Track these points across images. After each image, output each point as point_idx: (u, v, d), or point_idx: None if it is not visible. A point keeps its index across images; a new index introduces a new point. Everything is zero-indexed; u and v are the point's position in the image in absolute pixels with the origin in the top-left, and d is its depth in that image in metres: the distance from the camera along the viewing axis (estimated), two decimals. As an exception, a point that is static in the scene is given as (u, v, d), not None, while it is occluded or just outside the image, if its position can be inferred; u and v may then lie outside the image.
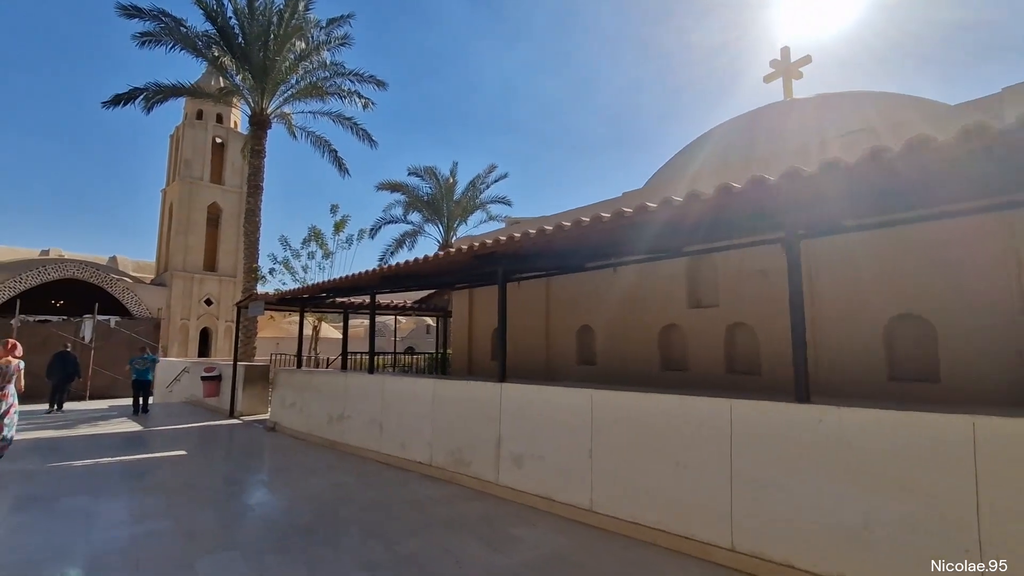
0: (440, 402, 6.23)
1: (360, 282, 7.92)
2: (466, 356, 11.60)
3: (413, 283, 8.62)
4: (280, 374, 10.32)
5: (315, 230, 15.25)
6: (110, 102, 16.93)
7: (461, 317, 11.80)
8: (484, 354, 11.19)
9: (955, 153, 2.44)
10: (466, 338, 11.63)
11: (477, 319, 11.54)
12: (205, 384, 12.89)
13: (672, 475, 3.87)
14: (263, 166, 17.98)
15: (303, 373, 9.53)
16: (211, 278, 27.15)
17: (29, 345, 21.62)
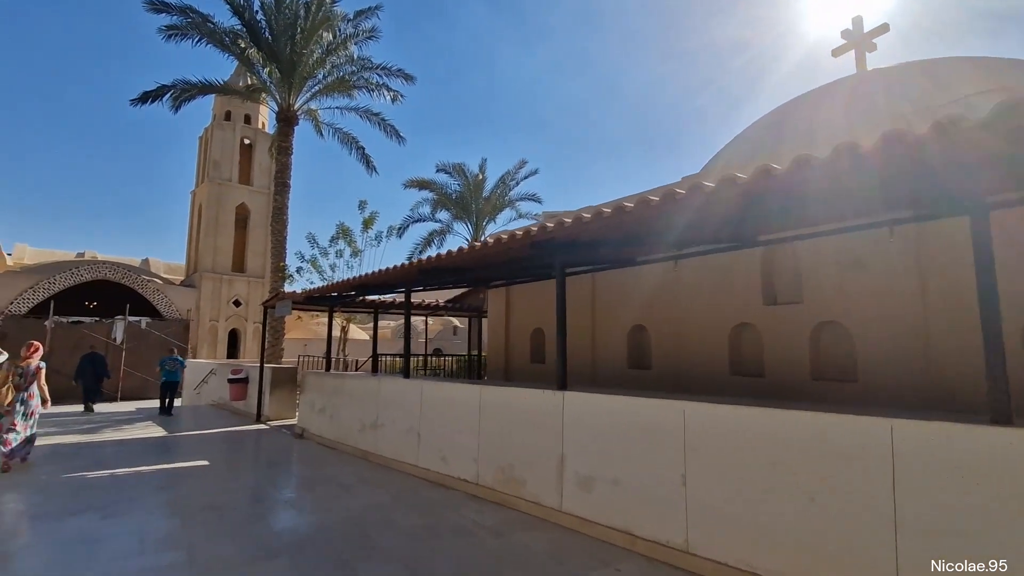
0: (488, 411, 5.47)
1: (393, 278, 7.23)
2: (503, 358, 10.85)
3: (452, 278, 7.90)
4: (308, 377, 9.73)
5: (343, 227, 14.73)
6: (138, 99, 16.73)
7: (497, 317, 11.06)
8: (522, 356, 10.42)
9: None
10: (503, 339, 10.88)
11: (515, 319, 10.78)
12: (231, 387, 12.43)
13: (803, 513, 3.02)
14: (290, 163, 17.58)
15: (333, 376, 8.90)
16: (240, 279, 27.04)
17: (63, 346, 21.77)
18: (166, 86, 16.87)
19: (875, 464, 2.76)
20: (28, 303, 21.36)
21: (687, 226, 4.61)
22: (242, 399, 12.52)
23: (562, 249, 5.05)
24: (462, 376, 14.42)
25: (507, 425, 5.20)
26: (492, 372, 11.33)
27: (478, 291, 12.26)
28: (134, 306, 23.65)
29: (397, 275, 6.94)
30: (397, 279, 7.36)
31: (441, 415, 6.13)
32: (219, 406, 14.26)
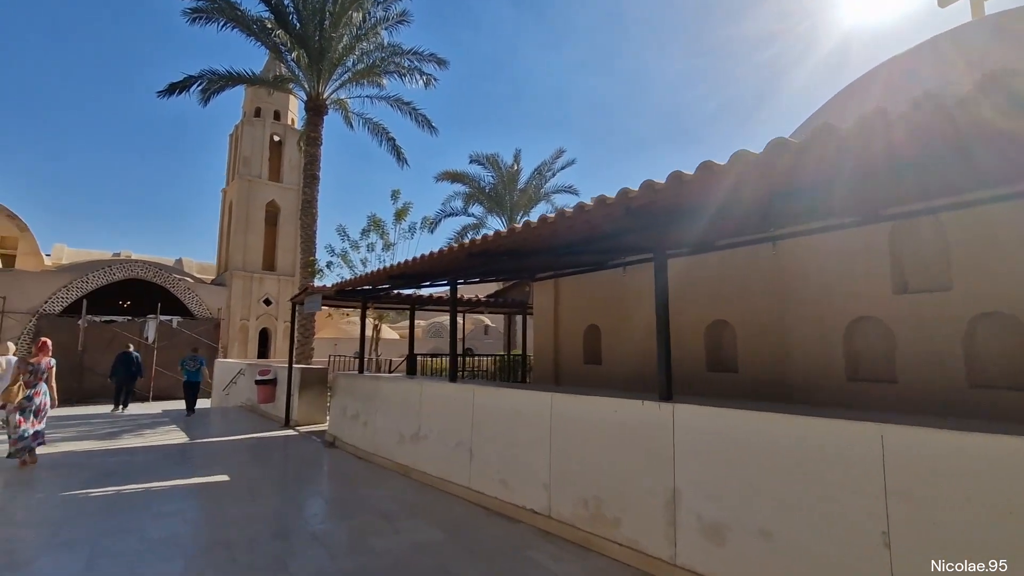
0: (562, 425, 4.36)
1: (437, 265, 6.19)
2: (551, 359, 9.75)
3: (505, 266, 6.82)
4: (340, 379, 8.80)
5: (375, 219, 13.84)
6: (165, 91, 16.19)
7: (544, 313, 9.96)
8: (574, 357, 9.29)
9: None
10: (551, 338, 9.78)
11: (565, 315, 9.66)
12: (259, 389, 11.64)
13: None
14: (319, 155, 16.82)
15: (367, 379, 7.93)
16: (270, 277, 26.61)
17: (95, 345, 21.60)
18: (193, 76, 16.29)
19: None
20: (62, 302, 21.23)
21: (803, 192, 3.43)
22: (270, 401, 11.72)
23: (661, 221, 3.90)
24: (501, 379, 13.35)
25: (590, 445, 4.08)
26: (539, 374, 10.23)
27: (521, 285, 11.16)
28: (166, 305, 23.40)
29: (442, 261, 5.88)
30: (441, 267, 6.33)
31: (499, 428, 5.05)
32: (247, 408, 13.54)
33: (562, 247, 5.62)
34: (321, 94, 16.93)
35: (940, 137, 2.46)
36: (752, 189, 3.35)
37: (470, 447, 5.38)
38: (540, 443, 4.52)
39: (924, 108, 2.05)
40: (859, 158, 2.69)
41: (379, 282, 8.03)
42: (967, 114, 2.05)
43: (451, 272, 6.63)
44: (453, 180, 21.54)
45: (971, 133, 2.40)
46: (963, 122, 2.18)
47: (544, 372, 9.85)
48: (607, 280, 8.52)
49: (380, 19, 17.25)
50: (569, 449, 4.26)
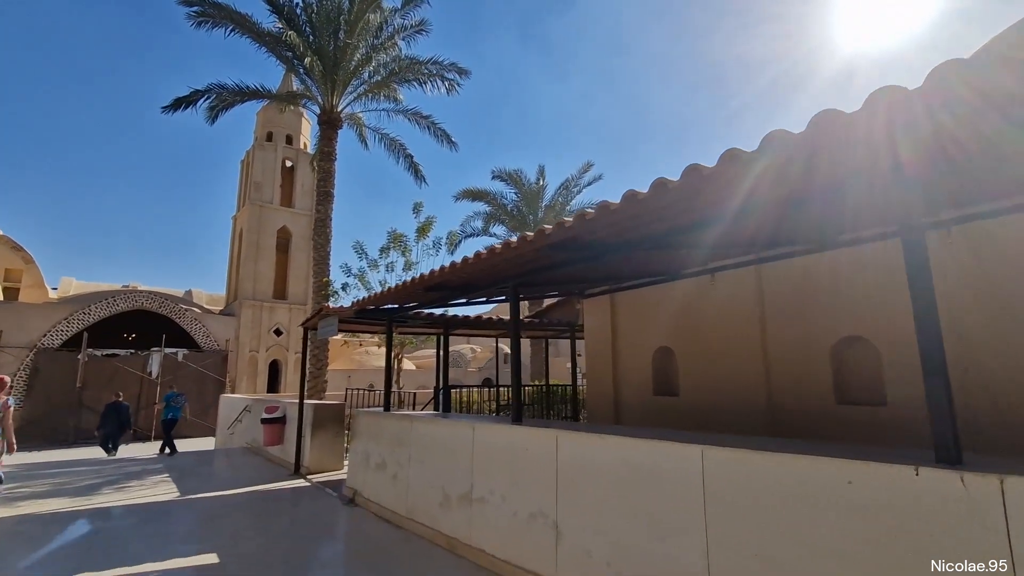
0: (732, 496, 2.73)
1: (488, 270, 4.70)
2: (609, 390, 8.14)
3: (578, 268, 5.26)
4: (361, 418, 7.22)
5: (395, 234, 12.44)
6: (170, 107, 15.20)
7: (598, 334, 8.41)
8: (640, 387, 7.68)
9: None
10: (608, 365, 8.20)
11: (625, 336, 8.10)
12: (265, 429, 10.06)
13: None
14: (334, 170, 15.62)
15: (397, 418, 6.34)
16: (281, 306, 25.31)
17: (96, 381, 20.22)
18: (200, 91, 15.30)
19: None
20: (62, 335, 20.01)
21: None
22: (278, 443, 10.13)
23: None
24: (543, 417, 11.65)
25: (802, 536, 2.45)
26: (594, 409, 8.61)
27: (567, 304, 9.60)
28: (172, 337, 22.10)
29: (501, 262, 4.37)
30: (499, 270, 4.81)
31: (604, 496, 3.43)
32: (252, 450, 11.94)
33: (658, 236, 4.06)
34: (335, 106, 15.85)
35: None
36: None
37: (555, 522, 3.75)
38: (687, 524, 2.89)
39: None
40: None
41: (409, 297, 6.54)
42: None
43: (509, 278, 5.11)
44: (474, 199, 20.27)
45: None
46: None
47: (600, 406, 8.24)
48: (683, 291, 6.96)
49: (398, 28, 16.28)
50: (753, 538, 2.62)
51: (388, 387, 7.08)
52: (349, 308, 7.34)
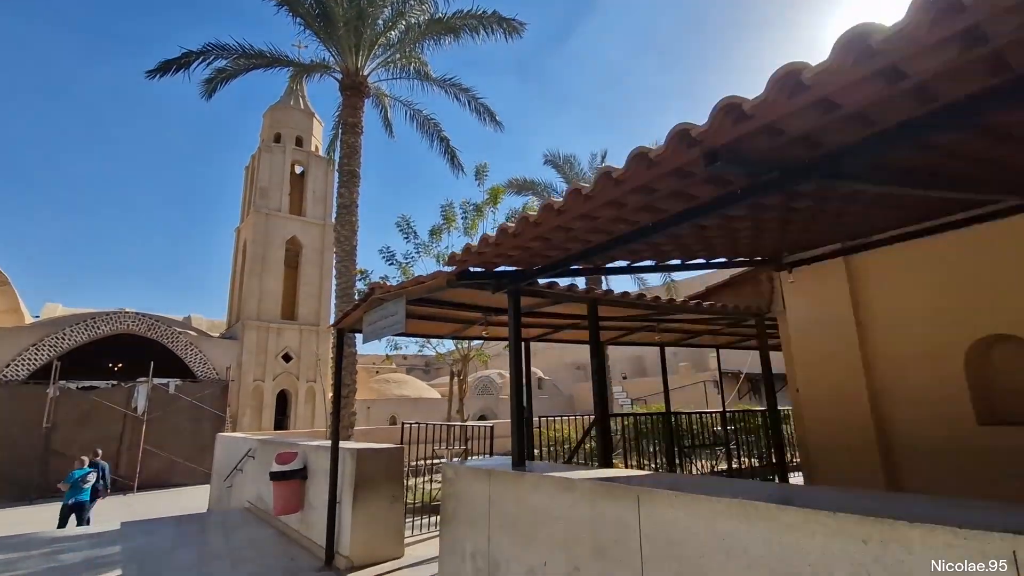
0: None
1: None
2: (862, 421, 4.73)
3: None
4: (464, 482, 3.76)
5: (448, 212, 9.16)
6: (156, 70, 12.17)
7: (823, 322, 5.04)
8: (938, 414, 4.30)
9: None
10: (853, 373, 4.80)
11: (892, 321, 4.72)
12: (277, 489, 6.56)
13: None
14: (360, 146, 12.48)
15: (586, 491, 2.87)
16: (290, 328, 21.94)
17: (68, 419, 16.64)
18: (193, 52, 12.30)
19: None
20: (29, 365, 16.62)
21: None
22: (295, 510, 6.63)
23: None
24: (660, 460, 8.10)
25: None
26: (820, 451, 5.19)
27: (749, 281, 6.18)
28: (165, 366, 18.71)
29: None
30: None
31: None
32: (259, 514, 8.42)
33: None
34: (360, 69, 12.82)
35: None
36: None
37: None
38: None
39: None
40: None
41: (562, 240, 3.20)
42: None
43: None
44: (520, 190, 17.06)
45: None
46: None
47: (833, 449, 4.81)
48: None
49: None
50: None
51: (522, 412, 3.63)
52: (434, 277, 3.94)
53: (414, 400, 26.56)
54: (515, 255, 3.59)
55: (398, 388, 27.62)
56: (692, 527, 2.22)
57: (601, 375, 4.47)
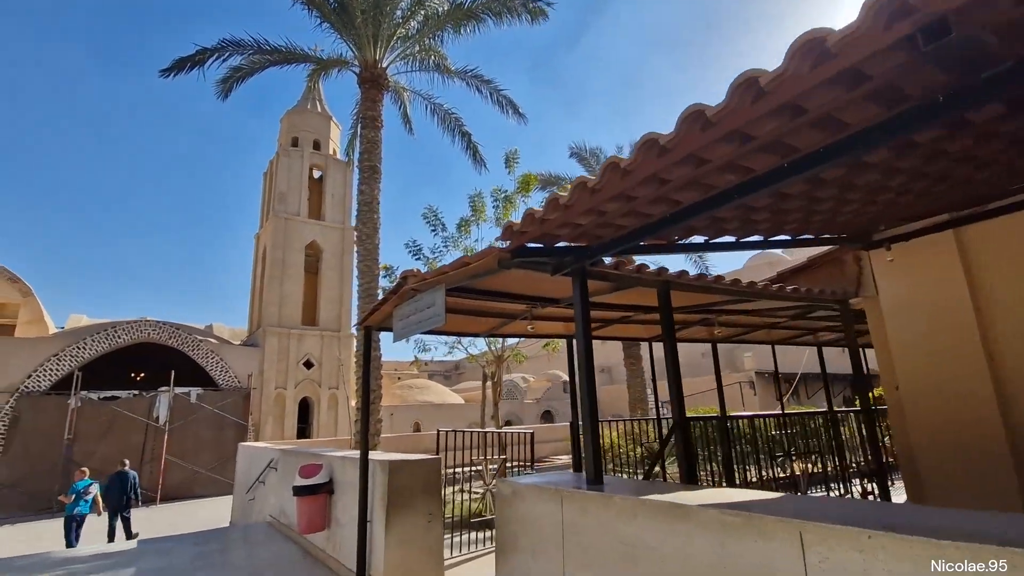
0: None
1: None
2: (988, 419, 3.93)
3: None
4: (526, 503, 3.09)
5: (477, 202, 8.54)
6: (170, 69, 11.81)
7: (929, 306, 4.25)
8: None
9: None
10: (975, 365, 4.01)
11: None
12: (301, 505, 5.96)
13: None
14: (380, 140, 11.96)
15: (712, 520, 2.20)
16: (311, 334, 21.54)
17: (90, 431, 16.38)
18: (208, 49, 11.92)
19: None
20: (51, 376, 16.42)
21: None
22: (320, 528, 6.02)
23: None
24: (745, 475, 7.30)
25: None
26: (929, 463, 4.44)
27: (833, 262, 5.42)
28: (187, 374, 18.44)
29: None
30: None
31: None
32: (282, 529, 7.85)
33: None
34: (379, 61, 12.31)
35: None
36: None
37: None
38: None
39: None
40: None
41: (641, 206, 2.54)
42: None
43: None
44: (545, 185, 16.39)
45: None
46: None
47: (958, 457, 4.02)
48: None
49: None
50: None
51: (596, 425, 2.95)
52: (482, 257, 3.29)
53: (437, 406, 26.00)
54: (585, 223, 2.92)
55: (421, 394, 27.10)
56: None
57: (676, 371, 3.77)
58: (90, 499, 9.16)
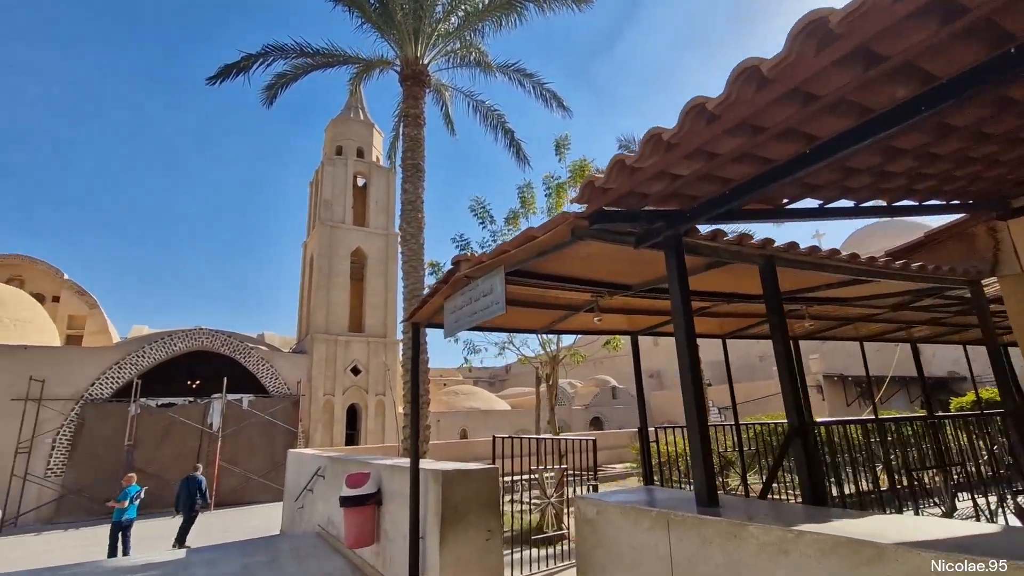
0: None
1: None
2: None
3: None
4: (624, 529, 2.50)
5: (526, 193, 8.01)
6: (216, 77, 11.89)
7: None
8: None
9: None
10: None
11: None
12: (348, 516, 5.53)
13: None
14: (423, 139, 11.64)
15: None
16: (357, 341, 21.54)
17: (149, 436, 16.72)
18: (252, 55, 11.93)
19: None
20: (112, 384, 16.92)
21: None
22: (368, 542, 5.56)
23: None
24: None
25: None
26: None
27: (948, 238, 4.58)
28: (238, 381, 18.71)
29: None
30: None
31: None
32: (330, 540, 7.48)
33: None
34: (420, 58, 12.02)
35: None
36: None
37: None
38: None
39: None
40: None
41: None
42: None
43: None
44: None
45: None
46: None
47: None
48: None
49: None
50: None
51: (705, 435, 2.33)
52: (553, 226, 2.72)
53: (484, 412, 25.55)
54: (688, 172, 2.31)
55: (467, 400, 26.73)
56: None
57: (790, 365, 3.08)
58: (136, 505, 9.24)
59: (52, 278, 23.52)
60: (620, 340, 8.12)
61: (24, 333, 18.45)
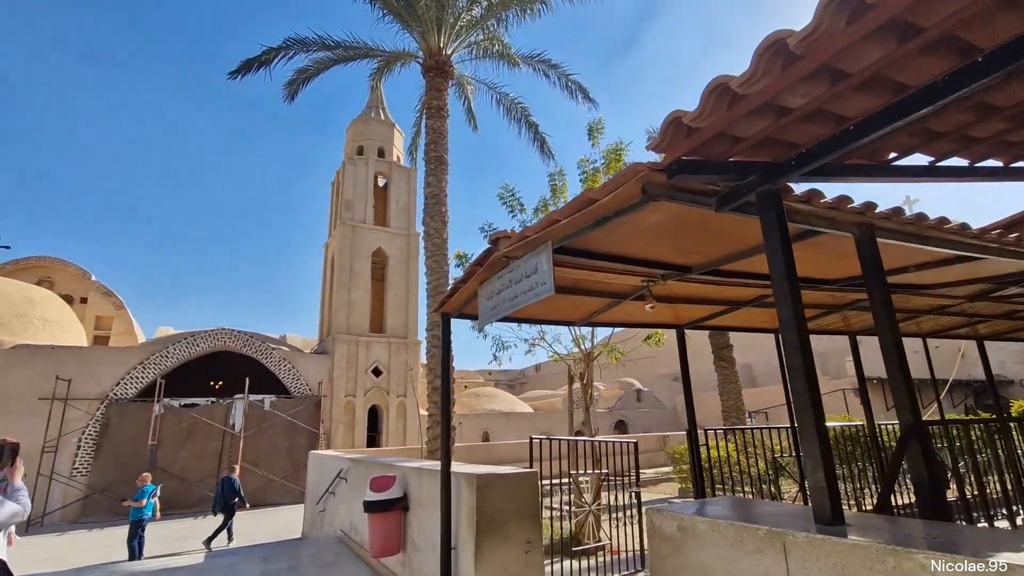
0: None
1: None
2: None
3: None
4: (721, 549, 2.04)
5: (556, 182, 7.57)
6: (238, 71, 11.69)
7: None
8: None
9: None
10: None
11: None
12: (372, 522, 5.14)
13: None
14: (446, 131, 11.27)
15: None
16: (379, 342, 21.30)
17: (172, 436, 16.62)
18: (274, 49, 11.73)
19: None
20: (136, 384, 16.91)
21: None
22: (394, 551, 5.16)
23: None
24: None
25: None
26: None
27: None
28: (260, 382, 18.60)
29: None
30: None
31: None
32: (352, 547, 7.11)
33: None
34: (443, 48, 11.68)
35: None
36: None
37: None
38: None
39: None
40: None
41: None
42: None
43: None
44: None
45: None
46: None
47: None
48: None
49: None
50: None
51: (825, 440, 1.85)
52: (617, 185, 2.28)
53: (506, 414, 25.11)
54: (801, 103, 1.85)
55: (489, 402, 26.32)
56: None
57: (901, 358, 2.58)
58: (151, 504, 9.05)
59: (80, 280, 23.83)
60: (663, 335, 7.60)
61: (53, 333, 18.63)
